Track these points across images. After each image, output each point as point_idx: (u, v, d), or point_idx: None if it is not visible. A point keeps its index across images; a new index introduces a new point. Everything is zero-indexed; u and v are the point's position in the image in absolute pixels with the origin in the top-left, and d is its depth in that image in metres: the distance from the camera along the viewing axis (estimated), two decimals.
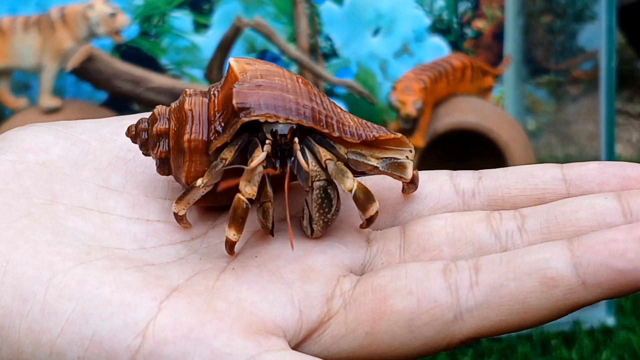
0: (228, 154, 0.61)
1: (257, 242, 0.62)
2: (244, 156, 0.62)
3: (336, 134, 0.62)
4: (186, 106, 0.63)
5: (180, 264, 0.60)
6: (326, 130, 0.62)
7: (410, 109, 2.26)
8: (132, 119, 0.68)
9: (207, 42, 2.54)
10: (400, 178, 0.64)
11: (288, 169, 0.61)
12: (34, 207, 0.60)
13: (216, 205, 0.65)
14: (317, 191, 0.60)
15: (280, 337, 0.55)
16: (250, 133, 0.62)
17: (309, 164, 0.61)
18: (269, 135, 0.61)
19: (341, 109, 0.65)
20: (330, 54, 2.61)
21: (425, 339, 0.56)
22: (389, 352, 0.56)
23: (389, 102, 2.34)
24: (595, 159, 2.75)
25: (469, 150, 2.35)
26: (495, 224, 0.62)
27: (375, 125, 0.65)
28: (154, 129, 0.64)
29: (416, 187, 0.65)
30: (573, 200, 0.61)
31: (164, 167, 0.65)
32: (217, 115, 0.62)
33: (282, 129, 0.61)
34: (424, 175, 0.67)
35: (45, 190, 0.62)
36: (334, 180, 0.61)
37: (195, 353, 0.53)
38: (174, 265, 0.59)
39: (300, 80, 0.63)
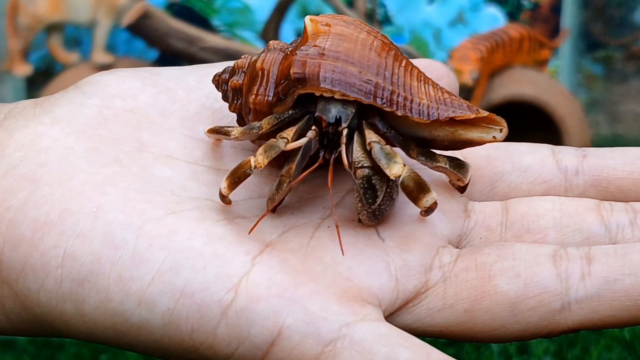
0: (266, 125, 0.58)
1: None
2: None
3: (400, 113, 0.57)
4: (258, 64, 0.61)
5: (271, 217, 0.58)
6: (388, 109, 0.57)
7: (467, 78, 2.22)
8: (217, 68, 0.67)
9: (260, 3, 2.52)
10: (457, 180, 0.61)
11: (332, 159, 0.57)
12: (122, 154, 0.59)
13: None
14: (360, 181, 0.56)
15: (376, 307, 0.54)
16: (306, 105, 0.59)
17: (350, 159, 0.56)
18: (321, 116, 0.57)
19: (421, 77, 0.59)
20: (384, 21, 2.57)
21: (527, 324, 0.55)
22: (486, 332, 0.55)
23: None
24: None
25: (523, 123, 2.31)
26: (606, 214, 0.60)
27: (456, 102, 0.58)
28: (231, 83, 0.63)
29: (464, 191, 0.62)
30: None
31: (241, 120, 0.63)
32: (282, 80, 0.59)
33: (334, 115, 0.57)
34: (523, 147, 0.64)
35: (132, 137, 0.61)
36: (378, 165, 0.56)
37: (289, 313, 0.52)
38: (265, 219, 0.58)
39: (374, 45, 0.58)
